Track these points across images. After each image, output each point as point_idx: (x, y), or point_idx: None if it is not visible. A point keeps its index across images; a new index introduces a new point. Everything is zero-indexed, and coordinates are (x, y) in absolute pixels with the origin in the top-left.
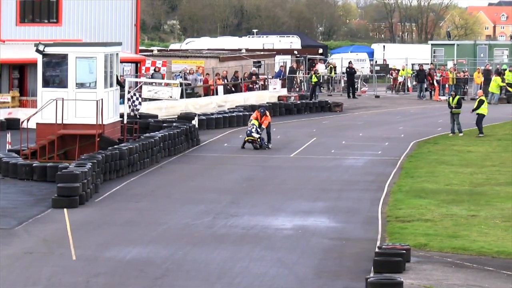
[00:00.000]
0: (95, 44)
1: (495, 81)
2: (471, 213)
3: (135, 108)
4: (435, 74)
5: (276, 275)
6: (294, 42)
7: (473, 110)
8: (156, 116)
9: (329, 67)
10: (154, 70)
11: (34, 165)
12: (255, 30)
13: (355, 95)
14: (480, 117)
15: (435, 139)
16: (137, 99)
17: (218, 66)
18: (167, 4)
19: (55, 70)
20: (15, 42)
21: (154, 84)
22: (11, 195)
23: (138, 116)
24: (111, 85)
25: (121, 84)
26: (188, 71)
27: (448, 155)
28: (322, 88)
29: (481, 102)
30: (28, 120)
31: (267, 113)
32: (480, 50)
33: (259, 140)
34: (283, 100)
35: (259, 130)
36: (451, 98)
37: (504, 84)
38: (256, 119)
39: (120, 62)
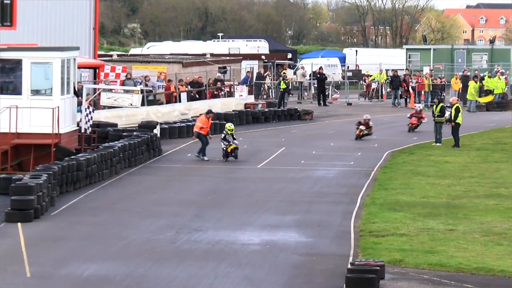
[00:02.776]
0: (51, 49)
1: (470, 86)
2: (449, 227)
3: (86, 127)
4: (410, 80)
5: None
6: (261, 46)
7: (453, 120)
8: (116, 125)
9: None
10: (126, 77)
11: None
12: (220, 34)
13: (326, 103)
14: (457, 126)
15: (411, 149)
16: (90, 113)
17: (181, 72)
18: (127, 6)
19: (9, 76)
20: None
21: (113, 90)
22: None
23: (89, 132)
24: (68, 92)
25: (77, 93)
26: (144, 78)
27: (424, 165)
28: (291, 94)
29: (457, 110)
30: None
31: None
32: (458, 55)
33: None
34: (250, 108)
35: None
36: (434, 106)
37: (478, 84)
38: (205, 126)
39: (78, 67)
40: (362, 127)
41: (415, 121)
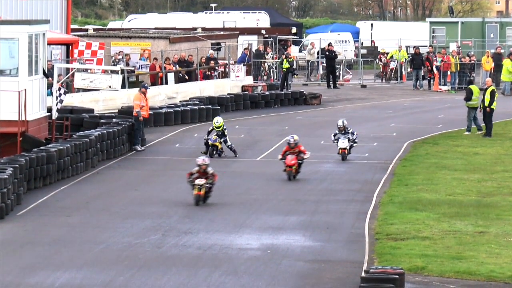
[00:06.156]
0: (16, 22)
1: (505, 65)
2: (479, 229)
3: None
4: (434, 59)
5: None
6: (261, 19)
7: (489, 105)
8: (92, 111)
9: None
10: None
11: None
12: (213, 5)
13: (336, 85)
14: (491, 112)
15: (435, 138)
16: (60, 95)
17: (168, 49)
18: None
19: None
20: None
21: (89, 71)
22: None
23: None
24: (37, 73)
25: (46, 74)
26: (120, 57)
27: (451, 158)
28: (295, 75)
29: (493, 94)
30: None
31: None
32: (489, 30)
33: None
34: (248, 91)
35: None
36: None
37: None
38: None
39: (48, 44)
40: (199, 181)
41: (293, 161)
